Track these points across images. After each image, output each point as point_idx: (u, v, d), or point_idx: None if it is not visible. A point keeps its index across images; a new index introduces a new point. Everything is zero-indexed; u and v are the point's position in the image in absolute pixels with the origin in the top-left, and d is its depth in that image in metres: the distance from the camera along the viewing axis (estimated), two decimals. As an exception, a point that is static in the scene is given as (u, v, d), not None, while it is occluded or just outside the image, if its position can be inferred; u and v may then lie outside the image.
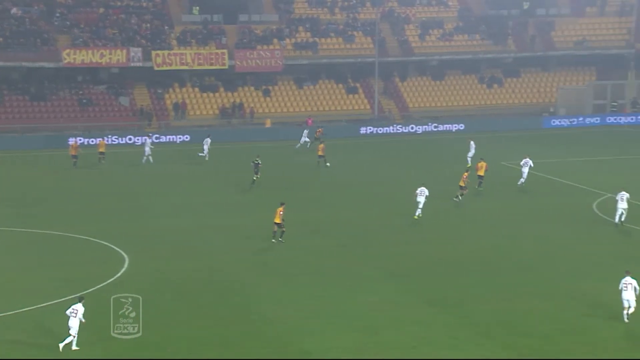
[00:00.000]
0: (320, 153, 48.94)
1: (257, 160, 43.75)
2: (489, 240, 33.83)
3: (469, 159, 48.74)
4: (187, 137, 60.79)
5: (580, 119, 67.18)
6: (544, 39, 72.91)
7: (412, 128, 64.83)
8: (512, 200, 40.66)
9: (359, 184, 44.79)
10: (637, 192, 40.22)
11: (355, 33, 70.98)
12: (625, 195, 35.23)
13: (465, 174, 39.75)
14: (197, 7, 70.56)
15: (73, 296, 25.15)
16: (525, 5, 75.10)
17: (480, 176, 41.47)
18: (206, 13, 69.99)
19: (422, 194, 36.33)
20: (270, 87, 68.19)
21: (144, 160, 50.98)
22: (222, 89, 67.38)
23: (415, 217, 36.40)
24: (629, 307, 24.36)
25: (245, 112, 65.94)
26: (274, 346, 23.10)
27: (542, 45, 72.55)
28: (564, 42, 72.63)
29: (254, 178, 43.32)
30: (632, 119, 67.06)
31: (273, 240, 32.74)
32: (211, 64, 65.60)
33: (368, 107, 68.21)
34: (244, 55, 66.36)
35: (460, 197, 39.29)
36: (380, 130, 64.04)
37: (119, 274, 29.05)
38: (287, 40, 69.01)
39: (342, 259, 31.29)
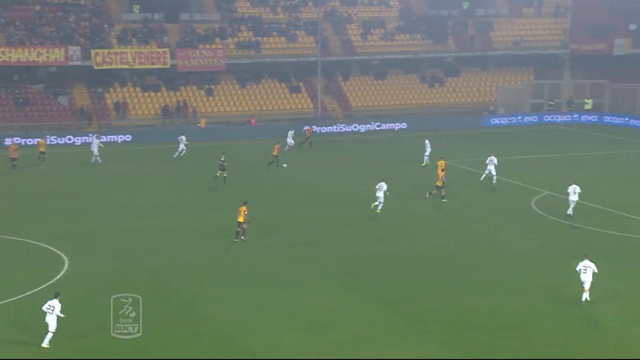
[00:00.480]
0: (274, 153, 48.40)
1: (221, 158, 43.98)
2: (434, 238, 34.08)
3: (426, 158, 48.97)
4: (128, 137, 59.81)
5: (519, 117, 68.35)
6: (483, 39, 73.96)
7: (355, 127, 65.05)
8: (455, 199, 40.98)
9: (306, 183, 44.64)
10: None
11: (297, 32, 70.87)
12: (577, 188, 36.14)
13: (442, 173, 39.25)
14: (138, 6, 69.44)
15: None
16: (465, 6, 76.03)
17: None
18: (147, 11, 68.91)
19: (380, 189, 36.79)
20: (213, 87, 67.58)
21: (93, 160, 50.21)
22: (164, 89, 66.48)
23: (372, 207, 36.86)
24: (587, 288, 25.49)
25: (188, 112, 65.17)
26: (217, 346, 22.79)
27: (481, 45, 73.58)
28: (502, 42, 73.78)
29: (223, 175, 43.55)
30: (568, 117, 68.53)
31: (236, 240, 32.48)
32: (152, 63, 64.65)
33: (311, 106, 68.17)
34: (186, 54, 65.59)
35: (443, 197, 38.99)
36: (323, 129, 64.05)
37: (58, 277, 28.30)
38: (230, 40, 68.48)
39: (290, 258, 31.12)
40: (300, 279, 28.53)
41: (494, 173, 43.04)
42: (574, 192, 36.06)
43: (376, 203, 36.93)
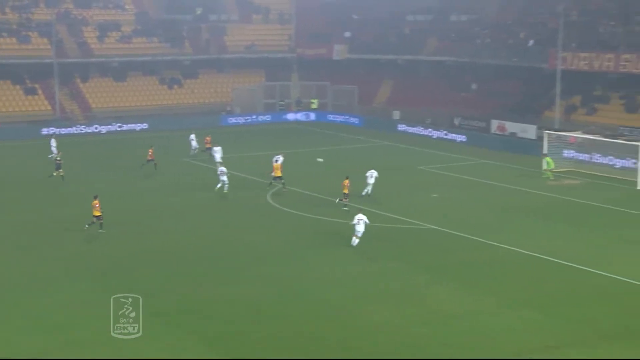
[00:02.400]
0: (150, 158, 45.79)
1: (59, 159, 43.09)
2: (175, 233, 33.86)
3: (217, 161, 47.63)
4: None
5: (254, 116, 70.23)
6: (218, 42, 74.79)
7: (96, 128, 62.67)
8: (195, 195, 41.19)
9: (51, 185, 42.13)
10: (301, 182, 43.17)
11: (30, 33, 66.49)
12: (374, 173, 38.84)
13: (346, 181, 37.62)
14: None
15: None
16: (198, 11, 76.34)
17: (278, 177, 41.07)
18: None
19: (222, 174, 39.79)
20: (-62, 89, 61.16)
21: None
22: None
23: (217, 190, 39.92)
24: (359, 236, 30.44)
25: None
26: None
27: (216, 48, 74.38)
28: (235, 46, 75.16)
29: (61, 174, 42.44)
30: (297, 116, 71.72)
31: (101, 231, 32.33)
32: None
33: (49, 108, 64.38)
34: None
35: (344, 205, 37.34)
36: (63, 130, 60.88)
37: None
38: (-44, 40, 62.40)
39: (29, 260, 29.29)
40: (40, 280, 27.01)
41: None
42: (371, 176, 38.87)
43: (219, 185, 39.66)
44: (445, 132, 60.98)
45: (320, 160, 47.74)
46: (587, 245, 32.13)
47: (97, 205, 32.31)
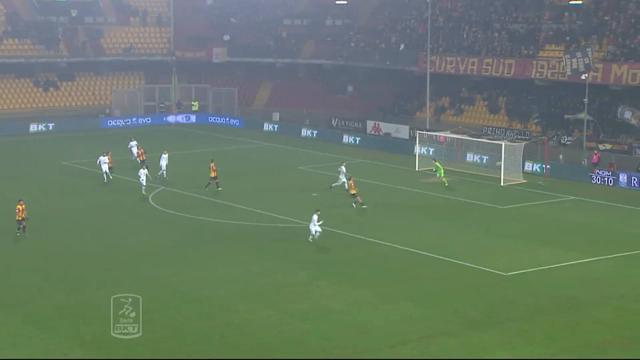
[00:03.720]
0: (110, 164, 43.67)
1: None
2: (52, 237, 32.56)
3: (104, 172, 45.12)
4: None
5: (134, 119, 68.36)
6: (95, 45, 72.24)
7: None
8: (73, 198, 39.69)
9: None
10: (183, 183, 42.35)
11: None
12: (343, 168, 40.68)
13: (351, 182, 37.81)
14: None
15: None
16: (74, 13, 73.43)
17: (213, 177, 40.72)
18: None
19: (141, 175, 39.77)
20: None
21: None
22: None
23: (144, 193, 39.75)
24: (315, 232, 31.38)
25: None
26: None
27: (93, 51, 71.80)
28: (113, 49, 72.84)
29: None
30: (178, 118, 70.37)
31: (21, 234, 31.96)
32: None
33: None
34: None
35: (362, 205, 37.38)
36: None
37: None
38: None
39: None
40: None
41: (164, 168, 43.86)
42: (341, 172, 40.40)
43: (143, 185, 39.94)
44: (324, 132, 61.52)
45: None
46: (459, 240, 33.27)
47: (19, 209, 31.86)
